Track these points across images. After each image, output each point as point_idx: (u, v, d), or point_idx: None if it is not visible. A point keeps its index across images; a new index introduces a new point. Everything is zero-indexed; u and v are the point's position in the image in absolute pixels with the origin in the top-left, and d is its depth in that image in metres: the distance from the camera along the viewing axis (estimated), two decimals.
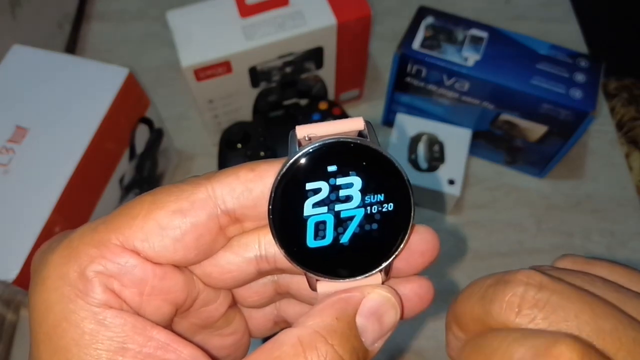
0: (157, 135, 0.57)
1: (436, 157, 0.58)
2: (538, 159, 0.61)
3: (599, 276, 0.17)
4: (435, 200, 0.58)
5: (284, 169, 0.18)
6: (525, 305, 0.15)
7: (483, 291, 0.17)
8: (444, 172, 0.57)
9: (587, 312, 0.15)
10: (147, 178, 0.57)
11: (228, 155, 0.58)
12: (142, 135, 0.54)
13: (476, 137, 0.60)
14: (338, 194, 0.18)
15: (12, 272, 0.39)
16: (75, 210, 0.45)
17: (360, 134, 0.19)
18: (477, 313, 0.17)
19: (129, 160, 0.52)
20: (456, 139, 0.59)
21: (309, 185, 0.18)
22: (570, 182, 0.63)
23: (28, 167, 0.43)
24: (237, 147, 0.57)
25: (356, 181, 0.18)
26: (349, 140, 0.18)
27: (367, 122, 0.20)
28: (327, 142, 0.18)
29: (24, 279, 0.39)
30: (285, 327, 0.18)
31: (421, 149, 0.58)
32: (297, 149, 0.18)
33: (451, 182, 0.56)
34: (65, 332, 0.17)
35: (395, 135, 0.59)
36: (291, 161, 0.18)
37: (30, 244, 0.40)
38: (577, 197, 0.62)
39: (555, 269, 0.18)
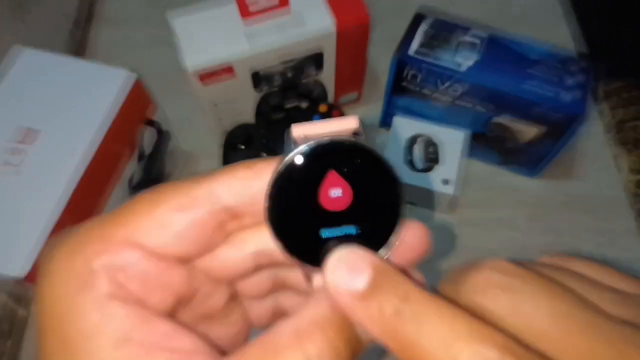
0: (164, 137, 0.58)
1: (432, 157, 0.59)
2: (531, 160, 0.62)
3: (568, 269, 0.19)
4: (430, 199, 0.60)
5: (280, 167, 0.19)
6: (489, 287, 0.17)
7: (456, 276, 0.18)
8: (440, 172, 0.58)
9: (545, 294, 0.16)
10: (155, 179, 0.58)
11: (231, 156, 0.59)
12: (149, 137, 0.55)
13: (471, 138, 0.62)
14: (332, 191, 0.19)
15: (23, 270, 0.40)
16: (85, 209, 0.46)
17: (354, 133, 0.20)
18: (450, 296, 0.18)
19: (137, 162, 0.54)
20: (451, 140, 0.60)
21: (304, 183, 0.19)
22: (562, 182, 0.64)
23: (39, 167, 0.44)
24: (240, 149, 0.59)
25: (349, 178, 0.19)
26: (343, 139, 0.19)
27: (361, 122, 0.20)
28: (321, 141, 0.19)
29: (35, 276, 0.40)
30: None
31: (417, 150, 0.60)
32: (293, 148, 0.19)
33: (446, 182, 0.58)
34: (71, 324, 0.17)
35: (393, 136, 0.61)
36: (287, 159, 0.19)
37: (41, 242, 0.41)
38: (568, 196, 0.63)
39: (530, 262, 0.19)
